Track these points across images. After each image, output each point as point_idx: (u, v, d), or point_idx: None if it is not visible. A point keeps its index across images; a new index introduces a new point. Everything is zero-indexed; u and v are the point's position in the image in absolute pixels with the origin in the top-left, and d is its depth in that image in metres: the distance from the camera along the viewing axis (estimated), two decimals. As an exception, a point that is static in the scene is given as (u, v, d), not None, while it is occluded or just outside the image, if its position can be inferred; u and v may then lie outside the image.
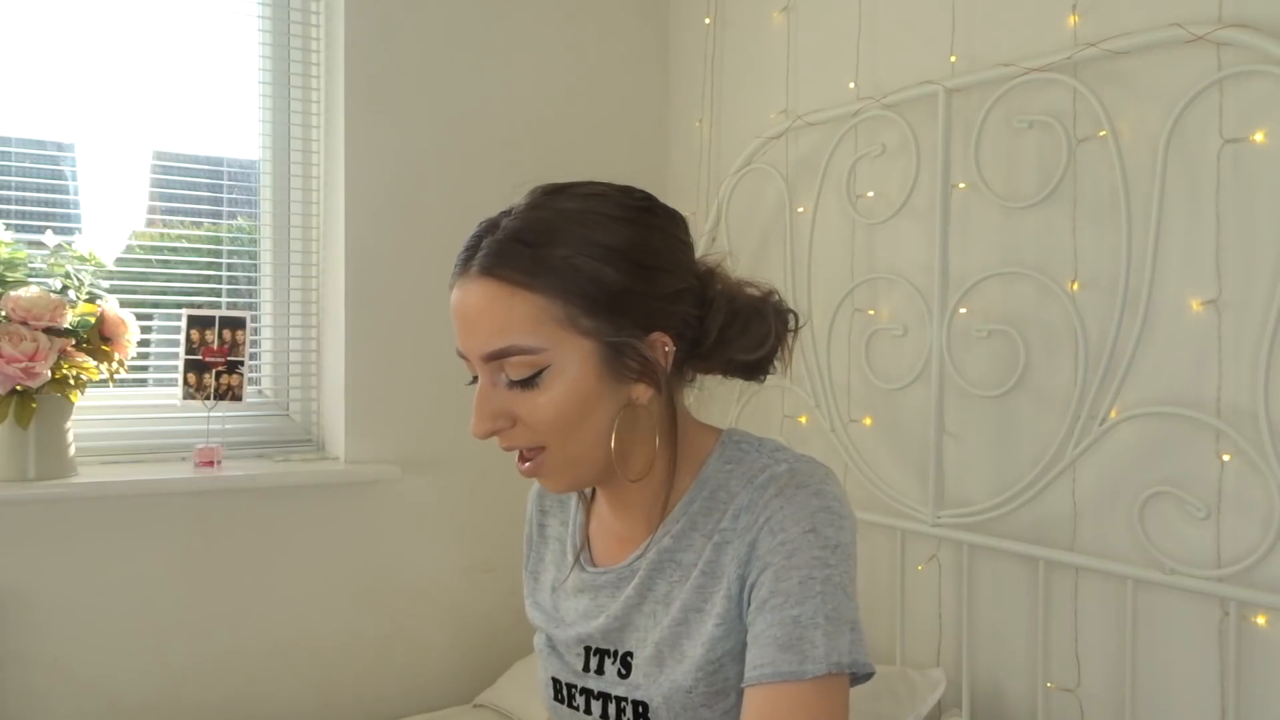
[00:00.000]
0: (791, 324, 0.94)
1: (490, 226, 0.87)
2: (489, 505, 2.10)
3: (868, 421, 1.81)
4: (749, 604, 0.84)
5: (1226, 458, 1.30)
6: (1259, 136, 1.27)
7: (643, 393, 0.87)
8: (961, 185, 1.63)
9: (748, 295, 0.93)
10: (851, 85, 1.84)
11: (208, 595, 1.84)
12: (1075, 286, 1.48)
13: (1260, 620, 1.27)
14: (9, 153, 1.83)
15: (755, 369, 0.94)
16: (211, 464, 1.82)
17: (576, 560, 0.99)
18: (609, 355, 0.84)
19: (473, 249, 0.86)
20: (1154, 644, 1.38)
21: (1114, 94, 1.42)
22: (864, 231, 1.82)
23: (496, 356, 0.84)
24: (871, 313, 1.80)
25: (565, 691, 0.97)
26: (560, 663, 0.97)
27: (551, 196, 0.87)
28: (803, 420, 1.93)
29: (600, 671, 0.93)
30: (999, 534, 1.55)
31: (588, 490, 1.02)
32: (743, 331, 0.91)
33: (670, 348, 0.87)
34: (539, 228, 0.84)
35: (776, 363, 0.94)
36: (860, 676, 0.83)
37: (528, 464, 0.88)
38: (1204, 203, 1.33)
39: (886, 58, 1.78)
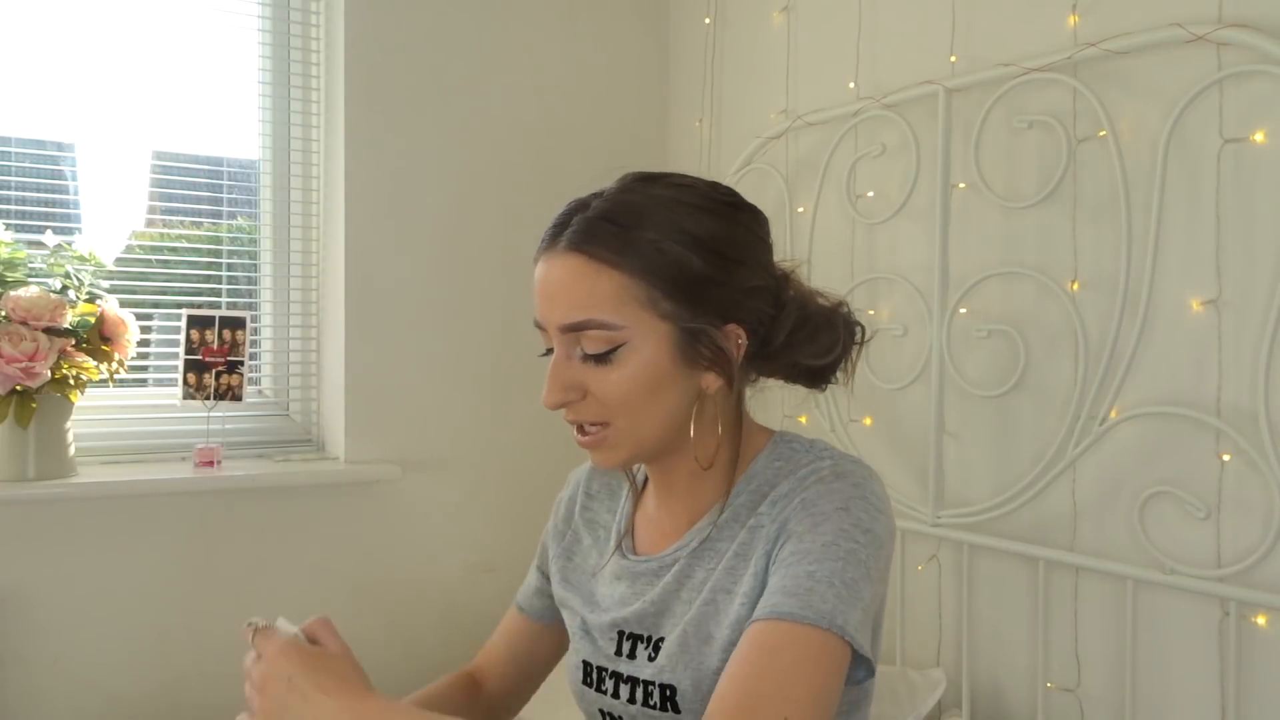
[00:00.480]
0: (859, 336, 0.96)
1: (581, 205, 0.89)
2: (489, 505, 2.10)
3: (868, 421, 1.81)
4: (771, 572, 0.84)
5: (1226, 458, 1.30)
6: (1259, 136, 1.27)
7: (712, 382, 0.89)
8: (961, 185, 1.63)
9: (819, 303, 0.95)
10: (851, 85, 1.84)
11: (208, 595, 1.84)
12: (1075, 286, 1.48)
13: (1260, 620, 1.27)
14: (9, 153, 1.83)
15: (818, 376, 0.95)
16: (211, 464, 1.82)
17: (618, 547, 1.00)
18: (684, 340, 0.86)
19: (562, 225, 0.88)
20: (1154, 644, 1.38)
21: (1114, 94, 1.42)
22: (864, 231, 1.82)
23: (575, 329, 0.85)
24: (871, 313, 1.80)
25: (595, 675, 0.97)
26: (592, 646, 0.98)
27: (643, 183, 0.89)
28: (803, 420, 1.93)
29: (632, 656, 0.94)
30: (999, 534, 1.55)
31: (639, 480, 1.03)
32: (811, 337, 0.92)
33: (743, 340, 0.89)
34: (629, 210, 0.86)
35: (839, 373, 0.96)
36: (860, 665, 0.82)
37: (588, 436, 0.89)
38: (1204, 203, 1.33)
39: (886, 58, 1.79)
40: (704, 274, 0.85)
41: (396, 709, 0.75)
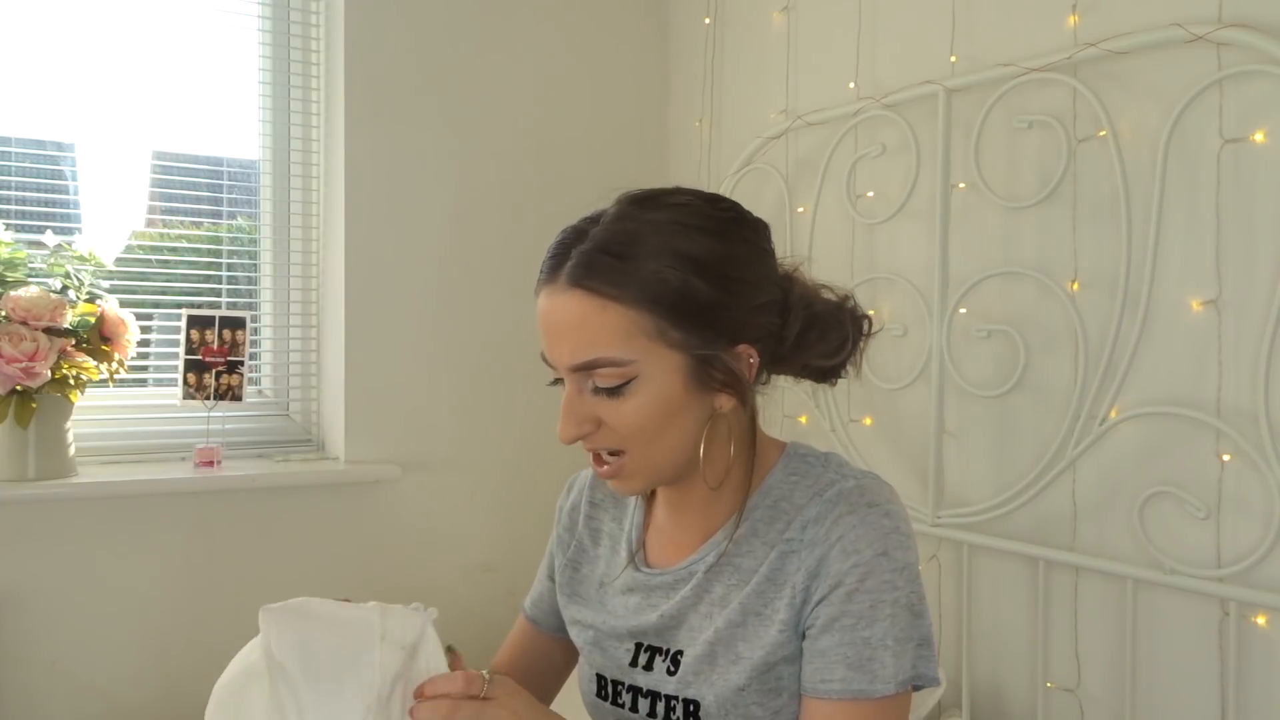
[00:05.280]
0: (866, 329, 0.96)
1: (577, 235, 0.86)
2: (489, 505, 2.10)
3: (868, 421, 1.81)
4: (816, 617, 0.85)
5: (1226, 458, 1.30)
6: (1259, 136, 1.27)
7: (726, 402, 0.88)
8: (961, 185, 1.63)
9: (825, 300, 0.94)
10: (851, 85, 1.84)
11: (208, 595, 1.84)
12: (1075, 286, 1.48)
13: (1260, 620, 1.27)
14: (9, 153, 1.83)
15: (829, 373, 0.96)
16: (211, 464, 1.82)
17: (631, 560, 0.99)
18: (696, 367, 0.85)
19: (560, 257, 0.85)
20: (1154, 644, 1.38)
21: (1114, 94, 1.42)
22: (864, 231, 1.82)
23: (585, 368, 0.84)
24: (871, 313, 1.79)
25: (610, 688, 0.96)
26: (605, 658, 0.97)
27: (639, 206, 0.87)
28: (803, 420, 1.93)
29: (649, 668, 0.93)
30: (999, 534, 1.55)
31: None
32: (821, 337, 0.92)
33: (755, 359, 0.88)
34: (627, 238, 0.84)
35: (849, 366, 0.96)
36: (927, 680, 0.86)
37: (606, 467, 0.89)
38: (1204, 203, 1.33)
39: (886, 58, 1.78)
40: (710, 298, 0.83)
41: None
